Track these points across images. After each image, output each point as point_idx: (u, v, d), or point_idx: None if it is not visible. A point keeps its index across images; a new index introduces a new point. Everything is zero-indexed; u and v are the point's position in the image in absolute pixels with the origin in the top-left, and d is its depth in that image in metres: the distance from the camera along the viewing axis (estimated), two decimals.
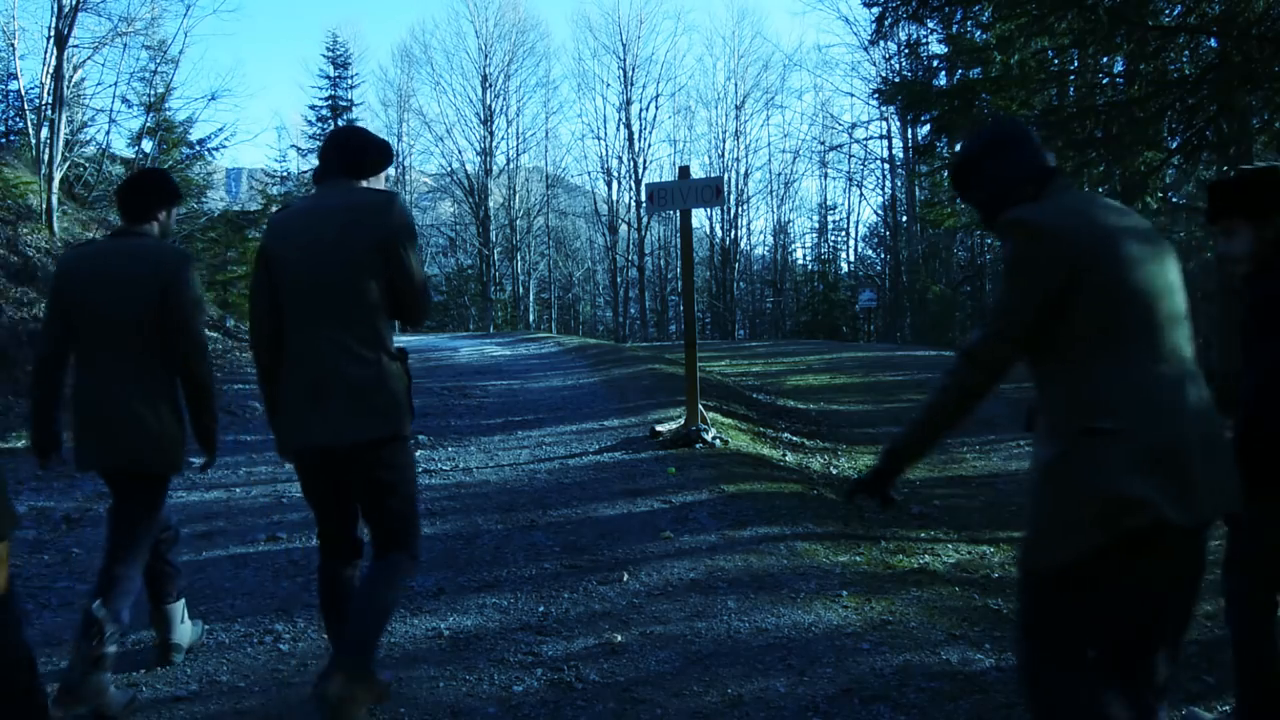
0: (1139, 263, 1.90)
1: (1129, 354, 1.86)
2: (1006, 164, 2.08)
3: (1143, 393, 1.84)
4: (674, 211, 8.24)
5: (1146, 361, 1.87)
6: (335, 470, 2.77)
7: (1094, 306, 1.86)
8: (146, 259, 3.10)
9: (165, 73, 19.51)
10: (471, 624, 3.72)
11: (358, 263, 2.72)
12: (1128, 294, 1.87)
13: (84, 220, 15.05)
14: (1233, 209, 2.57)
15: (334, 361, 2.71)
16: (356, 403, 2.70)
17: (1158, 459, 1.80)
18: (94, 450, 3.10)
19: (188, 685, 3.17)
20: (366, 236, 2.72)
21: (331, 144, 2.93)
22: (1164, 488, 1.78)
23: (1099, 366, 1.87)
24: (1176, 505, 1.78)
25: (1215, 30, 7.02)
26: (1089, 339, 1.87)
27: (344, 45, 37.69)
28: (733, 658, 3.36)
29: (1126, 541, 1.79)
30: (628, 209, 35.98)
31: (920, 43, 18.60)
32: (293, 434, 2.78)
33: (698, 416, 7.20)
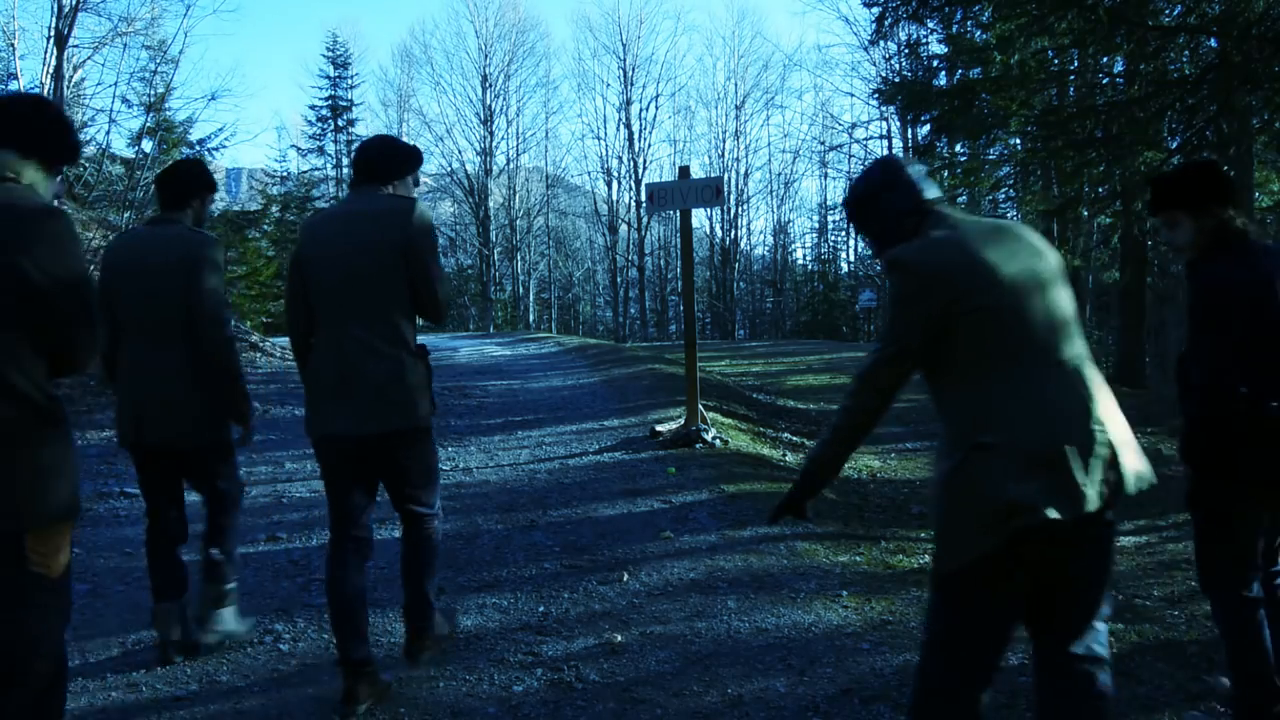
0: (1014, 284, 2.04)
1: (1008, 371, 2.02)
2: (894, 198, 2.23)
3: (1021, 406, 2.00)
4: (674, 211, 8.24)
5: (1026, 375, 2.02)
6: (357, 457, 2.99)
7: (972, 330, 2.03)
8: (176, 245, 3.30)
9: (165, 73, 19.51)
10: (471, 624, 3.72)
11: (380, 265, 2.94)
12: (1003, 316, 2.02)
13: (84, 220, 15.05)
14: (1173, 202, 2.73)
15: (357, 358, 2.92)
16: (377, 397, 2.92)
17: (1038, 464, 1.96)
18: (135, 428, 3.31)
19: (188, 685, 3.17)
20: (389, 240, 2.94)
21: (360, 152, 3.15)
22: (1045, 490, 1.94)
23: (982, 384, 2.04)
24: (1058, 503, 1.95)
25: (1215, 30, 7.03)
26: (971, 360, 2.05)
27: (344, 45, 37.77)
28: (733, 658, 3.36)
29: (1020, 539, 1.95)
30: (628, 209, 36.00)
31: (920, 43, 18.60)
32: (319, 423, 3.00)
33: (698, 416, 7.20)
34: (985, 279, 2.03)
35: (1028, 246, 2.14)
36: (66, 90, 14.54)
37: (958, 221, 2.18)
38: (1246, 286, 2.57)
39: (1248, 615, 2.65)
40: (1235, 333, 2.56)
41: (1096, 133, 8.07)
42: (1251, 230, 2.69)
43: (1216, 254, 2.65)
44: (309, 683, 3.20)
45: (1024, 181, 12.58)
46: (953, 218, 2.19)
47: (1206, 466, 2.65)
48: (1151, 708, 2.96)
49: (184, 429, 3.30)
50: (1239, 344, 2.56)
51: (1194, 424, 2.66)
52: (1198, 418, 2.64)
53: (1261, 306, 2.55)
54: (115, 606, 3.93)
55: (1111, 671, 2.17)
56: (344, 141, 38.07)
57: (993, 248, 2.09)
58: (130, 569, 4.41)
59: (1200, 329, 2.64)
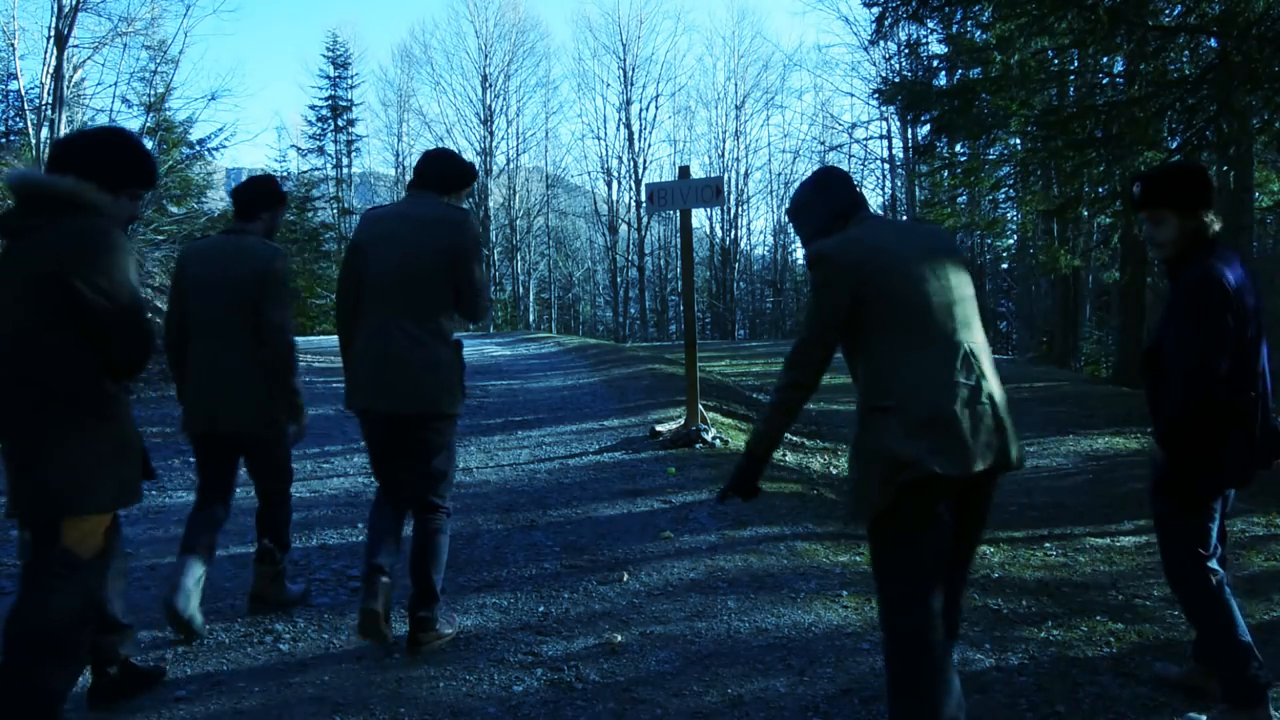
0: (914, 273, 2.42)
1: (907, 345, 2.39)
2: (824, 202, 2.63)
3: (915, 375, 2.36)
4: (674, 211, 8.24)
5: (921, 350, 2.38)
6: (389, 430, 3.38)
7: (876, 312, 2.41)
8: (246, 256, 3.63)
9: (165, 73, 19.53)
10: (471, 624, 3.72)
11: (430, 267, 3.31)
12: (903, 300, 2.40)
13: None
14: (1162, 200, 2.87)
15: (398, 346, 3.29)
16: (412, 383, 3.29)
17: (926, 426, 2.31)
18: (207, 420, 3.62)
19: (188, 685, 3.17)
20: (440, 246, 3.31)
21: (424, 160, 3.52)
22: (931, 448, 2.29)
23: (884, 358, 2.42)
24: (943, 460, 2.29)
25: (1215, 30, 7.02)
26: (877, 337, 2.42)
27: (344, 45, 37.73)
28: (733, 658, 3.35)
29: (918, 489, 2.30)
30: (628, 209, 35.99)
31: (920, 43, 18.61)
32: (360, 398, 3.39)
33: (698, 416, 7.20)
34: (889, 270, 2.42)
35: (932, 243, 2.54)
36: (66, 90, 14.54)
37: (874, 221, 2.60)
38: (1236, 288, 2.74)
39: (1219, 590, 2.82)
40: (1223, 326, 2.71)
41: (1096, 133, 8.05)
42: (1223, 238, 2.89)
43: (1195, 254, 2.81)
44: (309, 683, 3.20)
45: (1024, 181, 12.57)
46: (871, 219, 2.60)
47: (1187, 452, 2.79)
48: (1151, 708, 2.96)
49: (247, 421, 3.62)
50: (1226, 339, 2.71)
51: (1178, 412, 2.77)
52: (1181, 404, 2.75)
53: (1243, 304, 2.75)
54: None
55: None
56: (344, 141, 38.05)
57: (899, 243, 2.50)
58: (130, 569, 4.40)
59: (1187, 322, 2.76)
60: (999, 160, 11.88)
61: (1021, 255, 20.96)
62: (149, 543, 4.85)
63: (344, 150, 37.89)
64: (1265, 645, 3.49)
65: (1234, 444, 2.77)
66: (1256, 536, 5.10)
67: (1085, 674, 3.18)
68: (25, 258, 2.51)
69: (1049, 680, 3.15)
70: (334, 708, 3.00)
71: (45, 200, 2.54)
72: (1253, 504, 5.83)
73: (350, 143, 38.17)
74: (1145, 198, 2.90)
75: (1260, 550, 4.80)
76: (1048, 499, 6.02)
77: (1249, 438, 2.78)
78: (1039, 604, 3.97)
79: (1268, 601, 4.01)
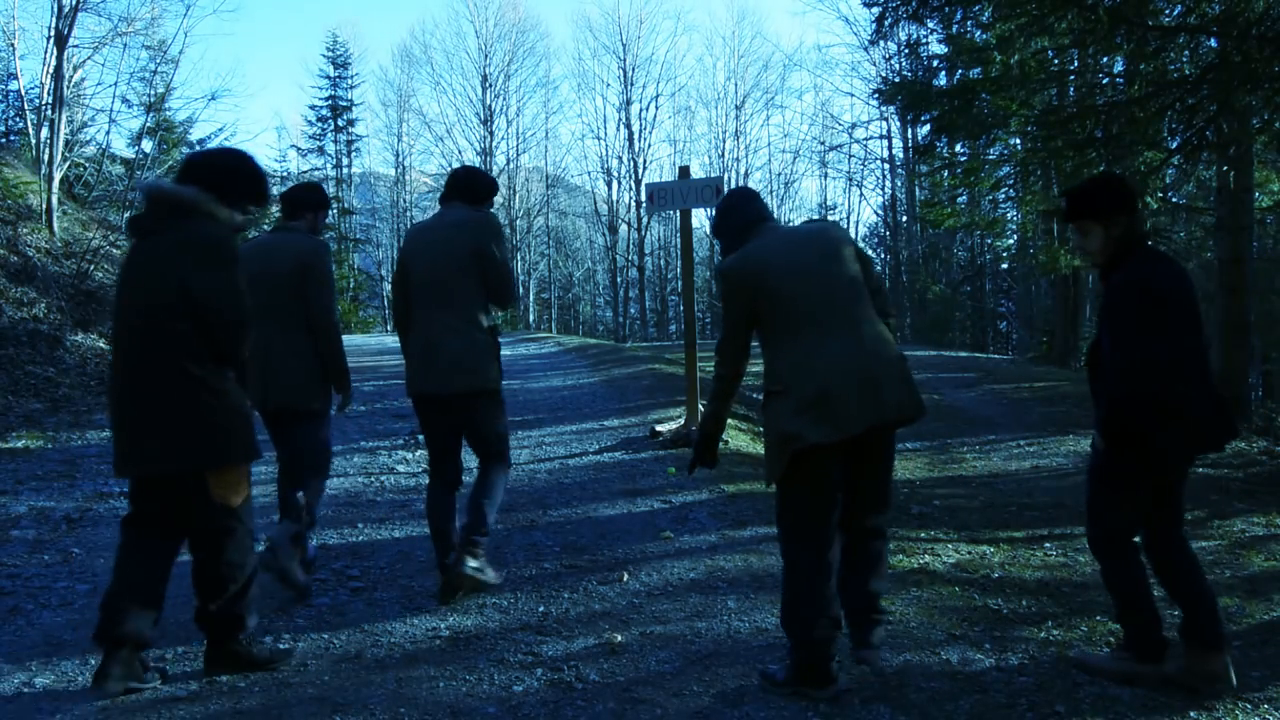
0: (796, 274, 2.97)
1: (797, 338, 2.95)
2: (734, 217, 3.25)
3: (801, 362, 2.92)
4: (674, 211, 8.23)
5: (809, 341, 2.93)
6: (442, 409, 3.93)
7: (772, 312, 2.99)
8: (292, 250, 4.09)
9: (165, 73, 19.51)
10: (471, 624, 3.72)
11: (460, 264, 3.86)
12: (786, 299, 2.96)
13: (84, 220, 15.04)
14: (1084, 213, 3.11)
15: (440, 336, 3.86)
16: (454, 366, 3.83)
17: (809, 405, 2.87)
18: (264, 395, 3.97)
19: (188, 685, 3.17)
20: (467, 245, 3.86)
21: (452, 178, 4.16)
22: (813, 422, 2.85)
23: (776, 349, 3.00)
24: (822, 431, 2.85)
25: (1215, 30, 7.01)
26: (770, 332, 3.02)
27: (344, 45, 37.72)
28: (733, 658, 3.35)
29: (803, 458, 2.89)
30: (628, 209, 35.97)
31: (920, 43, 18.61)
32: (414, 383, 3.95)
33: (698, 416, 7.20)
34: (777, 277, 2.98)
35: (818, 244, 3.07)
36: (66, 90, 14.51)
37: (769, 233, 3.12)
38: (1163, 286, 2.97)
39: (1135, 565, 3.12)
40: (1154, 325, 2.92)
41: (1096, 133, 8.04)
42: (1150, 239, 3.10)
43: (1125, 258, 3.04)
44: (309, 683, 3.19)
45: (1024, 181, 12.55)
46: (768, 230, 3.14)
47: (1124, 440, 3.00)
48: (1152, 708, 2.95)
49: (299, 395, 4.07)
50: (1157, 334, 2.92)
51: (1114, 403, 2.97)
52: (1119, 398, 2.95)
53: (1172, 304, 2.97)
54: None
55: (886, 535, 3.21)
56: (344, 141, 38.04)
57: (786, 251, 3.04)
58: None
59: (1119, 322, 2.97)
60: (999, 160, 11.87)
61: (1021, 255, 20.96)
62: None
63: (344, 150, 37.87)
64: (1265, 645, 3.50)
65: (1169, 432, 2.95)
66: (1256, 536, 5.09)
67: (1085, 674, 3.18)
68: (153, 255, 3.01)
69: (1049, 680, 3.15)
70: (334, 708, 3.00)
71: (171, 206, 3.02)
72: (1253, 504, 5.83)
73: (350, 143, 38.15)
74: (1069, 212, 3.16)
75: (1260, 550, 4.80)
76: (1048, 499, 6.02)
77: (1184, 425, 2.96)
78: (1039, 604, 3.97)
79: (1268, 601, 4.01)
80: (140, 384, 2.98)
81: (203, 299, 2.93)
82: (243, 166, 3.24)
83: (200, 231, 2.99)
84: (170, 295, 2.92)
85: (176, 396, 2.94)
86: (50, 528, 5.09)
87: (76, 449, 7.01)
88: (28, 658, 3.40)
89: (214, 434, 2.99)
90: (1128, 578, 3.11)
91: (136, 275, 3.04)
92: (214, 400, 2.98)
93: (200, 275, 2.93)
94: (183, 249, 2.96)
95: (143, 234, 3.08)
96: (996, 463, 7.40)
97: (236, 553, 3.09)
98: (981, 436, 8.61)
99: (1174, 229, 16.06)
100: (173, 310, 2.92)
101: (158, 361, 2.95)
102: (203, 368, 2.96)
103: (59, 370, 9.57)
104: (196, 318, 2.93)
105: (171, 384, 2.94)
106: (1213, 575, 4.41)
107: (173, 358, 2.94)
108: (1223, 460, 6.88)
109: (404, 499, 5.69)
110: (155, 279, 2.96)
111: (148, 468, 3.02)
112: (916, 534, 5.11)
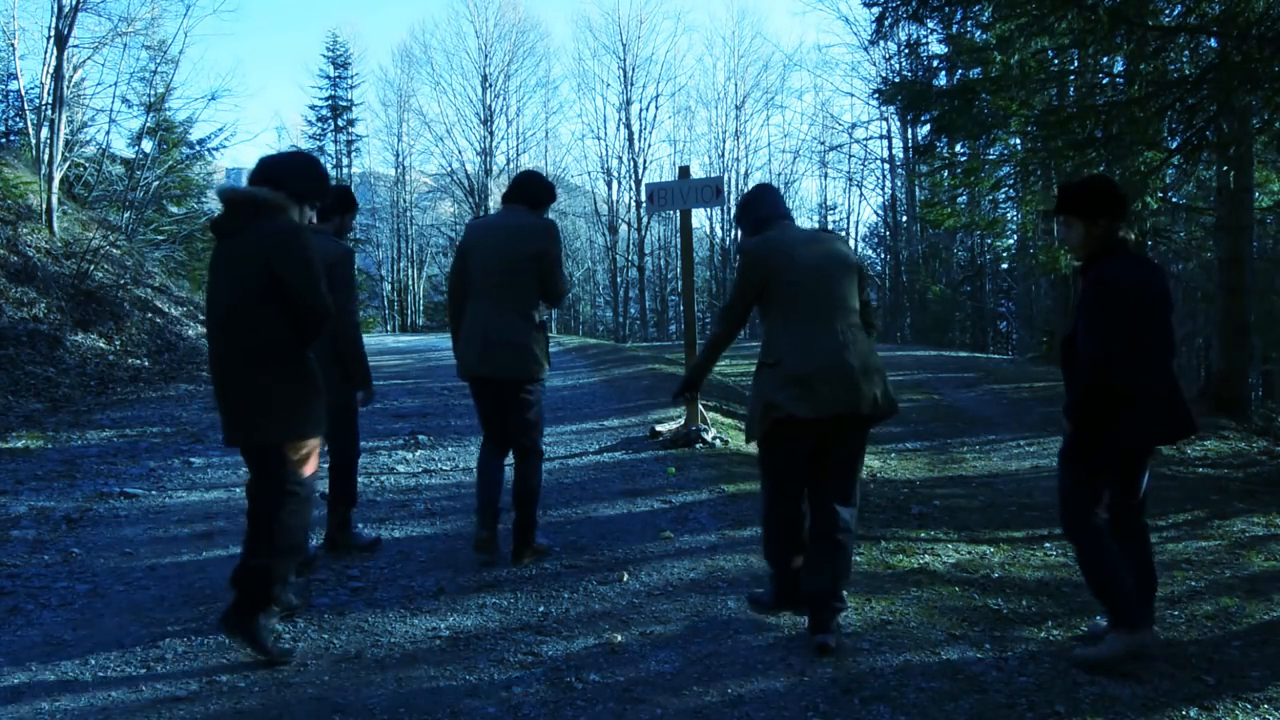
0: (803, 268, 3.40)
1: (792, 321, 3.39)
2: (759, 209, 3.69)
3: (793, 343, 3.36)
4: (674, 211, 8.23)
5: (801, 325, 3.37)
6: (491, 391, 4.37)
7: (776, 295, 3.43)
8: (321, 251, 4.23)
9: (165, 73, 19.51)
10: (471, 624, 3.72)
11: (519, 263, 4.25)
12: (792, 286, 3.39)
13: (84, 220, 15.04)
14: (1068, 208, 3.35)
15: (495, 325, 4.25)
16: (506, 353, 4.24)
17: (793, 382, 3.30)
18: None
19: (188, 685, 3.17)
20: (528, 248, 4.25)
21: (517, 181, 4.51)
22: (795, 397, 3.29)
23: (776, 328, 3.44)
24: (801, 404, 3.29)
25: (1215, 30, 7.01)
26: (772, 312, 3.46)
27: (344, 45, 37.77)
28: (732, 658, 3.35)
29: (782, 426, 3.35)
30: (628, 209, 35.97)
31: (920, 43, 18.63)
32: (467, 366, 4.35)
33: (698, 416, 7.20)
34: (788, 264, 3.41)
35: (826, 247, 3.50)
36: (66, 90, 14.51)
37: (786, 228, 3.57)
38: (1134, 286, 3.19)
39: (1106, 543, 3.26)
40: (1118, 321, 3.15)
41: (1096, 133, 8.04)
42: (1131, 243, 3.32)
43: (1102, 257, 3.25)
44: (309, 683, 3.19)
45: (1024, 181, 12.54)
46: (785, 226, 3.58)
47: (1088, 425, 3.22)
48: (1151, 708, 2.96)
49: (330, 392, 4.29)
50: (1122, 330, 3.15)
51: (1081, 392, 3.19)
52: (1085, 386, 3.18)
53: (1138, 303, 3.18)
54: (115, 606, 3.93)
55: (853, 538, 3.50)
56: (344, 141, 38.06)
57: (798, 246, 3.46)
58: (130, 569, 4.41)
59: (1091, 316, 3.19)
60: (999, 160, 11.87)
61: (1021, 255, 20.94)
62: (149, 543, 4.85)
63: (344, 150, 37.90)
64: (1265, 645, 3.50)
65: (1125, 419, 3.18)
66: (1256, 536, 5.09)
67: (1085, 674, 3.18)
68: (238, 251, 3.30)
69: (1049, 680, 3.15)
70: (334, 708, 3.00)
71: (248, 206, 3.33)
72: (1253, 504, 5.83)
73: (350, 142, 38.18)
74: (1058, 205, 3.40)
75: (1260, 550, 4.80)
76: (1048, 499, 6.01)
77: (1142, 414, 3.20)
78: (1039, 604, 3.97)
79: (1268, 601, 4.01)
80: (234, 366, 3.31)
81: (290, 287, 3.25)
82: (312, 168, 3.61)
83: (281, 227, 3.30)
84: (260, 285, 3.24)
85: (265, 377, 3.27)
86: (50, 528, 5.09)
87: (76, 449, 7.01)
88: (28, 658, 3.40)
89: (296, 410, 3.34)
90: (1099, 557, 3.25)
91: (226, 270, 3.35)
92: (297, 380, 3.32)
93: (287, 266, 3.25)
94: (267, 243, 3.26)
95: (225, 235, 3.37)
96: (996, 463, 7.40)
97: (294, 517, 3.37)
98: (981, 436, 8.62)
99: (1174, 229, 16.05)
100: (263, 298, 3.25)
101: (249, 346, 3.27)
102: (288, 349, 3.30)
103: (59, 370, 9.57)
104: (284, 304, 3.27)
105: (260, 366, 3.27)
106: (1213, 575, 4.42)
107: (262, 342, 3.26)
108: (1223, 460, 6.88)
109: (404, 499, 5.68)
110: (244, 272, 3.27)
111: (241, 439, 3.37)
112: (916, 534, 5.11)
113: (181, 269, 19.04)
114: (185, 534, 5.02)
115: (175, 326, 13.26)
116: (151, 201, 19.47)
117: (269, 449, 3.34)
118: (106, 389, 9.56)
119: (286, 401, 3.31)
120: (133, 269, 14.59)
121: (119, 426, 7.90)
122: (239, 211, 3.35)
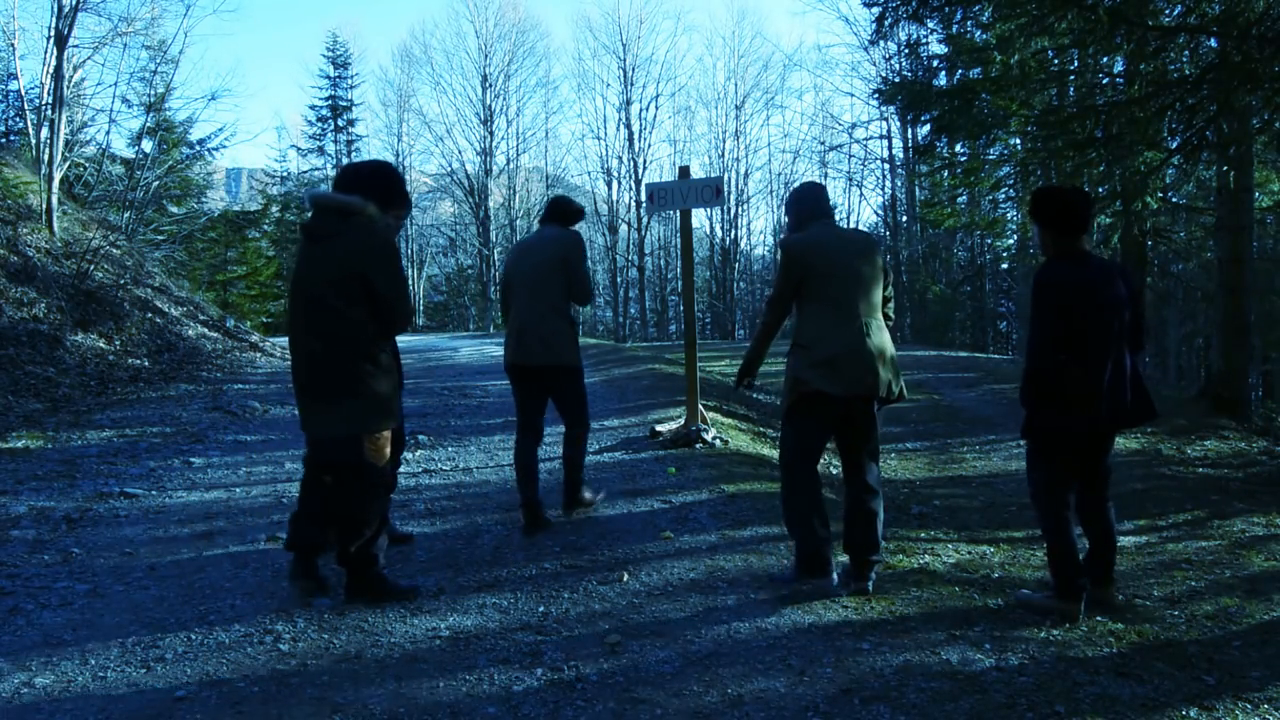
0: (837, 264, 3.90)
1: (824, 309, 3.89)
2: (808, 205, 4.12)
3: (822, 329, 3.87)
4: (674, 211, 8.24)
5: (830, 313, 3.88)
6: (531, 379, 5.05)
7: (811, 287, 3.92)
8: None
9: (165, 73, 19.52)
10: (471, 624, 3.72)
11: (550, 268, 4.98)
12: (826, 280, 3.89)
13: (84, 220, 15.04)
14: (1031, 213, 3.81)
15: (533, 321, 4.95)
16: (543, 344, 4.92)
17: (822, 362, 3.83)
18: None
19: (187, 685, 3.17)
20: (557, 255, 4.99)
21: (550, 205, 5.27)
22: (821, 375, 3.82)
23: (808, 315, 3.94)
24: (826, 383, 3.82)
25: (1215, 30, 7.01)
26: (808, 301, 3.94)
27: (344, 45, 37.79)
28: (733, 658, 3.35)
29: (809, 398, 3.88)
30: (628, 209, 35.97)
31: (920, 43, 18.63)
32: (507, 357, 5.08)
33: (698, 416, 7.20)
34: (825, 260, 3.90)
35: (859, 246, 3.99)
36: (66, 90, 14.50)
37: (826, 225, 4.03)
38: (1069, 286, 3.58)
39: (1066, 517, 3.73)
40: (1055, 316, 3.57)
41: (1096, 133, 8.04)
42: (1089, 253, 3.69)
43: (1056, 259, 3.67)
44: (309, 683, 3.19)
45: (1024, 181, 12.55)
46: (825, 224, 4.05)
47: (1036, 404, 3.68)
48: (1151, 708, 2.96)
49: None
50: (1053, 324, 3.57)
51: (1029, 376, 3.67)
52: (1031, 371, 3.65)
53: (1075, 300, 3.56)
54: (115, 606, 3.93)
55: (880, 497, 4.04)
56: (344, 141, 38.05)
57: (834, 243, 3.95)
58: (130, 569, 4.41)
59: (1032, 311, 3.66)
60: (999, 160, 11.88)
61: (1021, 255, 20.94)
62: (149, 543, 4.85)
63: (344, 150, 37.89)
64: (1265, 645, 3.50)
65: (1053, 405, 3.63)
66: (1256, 536, 5.09)
67: (1085, 674, 3.18)
68: (328, 255, 3.57)
69: (1049, 680, 3.15)
70: (334, 708, 3.00)
71: (338, 212, 3.59)
72: (1253, 504, 5.83)
73: (350, 143, 38.17)
74: (1030, 210, 3.84)
75: (1260, 550, 4.80)
76: None
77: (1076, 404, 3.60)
78: None
79: (1268, 601, 4.01)
80: (318, 362, 3.56)
81: (382, 294, 3.54)
82: (393, 177, 3.90)
83: (370, 231, 3.56)
84: (351, 289, 3.51)
85: (348, 373, 3.54)
86: (50, 528, 5.09)
87: (76, 449, 7.01)
88: (28, 658, 3.40)
89: (374, 404, 3.60)
90: (1057, 529, 3.71)
91: (314, 271, 3.59)
92: (377, 375, 3.59)
93: (377, 268, 3.53)
94: (357, 247, 3.52)
95: (314, 239, 3.62)
96: (996, 463, 7.40)
97: (375, 503, 3.69)
98: (981, 436, 8.62)
99: (1174, 229, 16.05)
100: (352, 300, 3.51)
101: (334, 342, 3.54)
102: (373, 345, 3.57)
103: (59, 370, 9.57)
104: (372, 304, 3.53)
105: (345, 361, 3.54)
106: (1213, 575, 4.42)
107: (348, 339, 3.53)
108: (1223, 460, 6.88)
109: (404, 499, 5.68)
110: (336, 275, 3.53)
111: (320, 430, 3.64)
112: (916, 534, 5.11)
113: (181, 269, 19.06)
114: (185, 534, 5.02)
115: (175, 326, 13.26)
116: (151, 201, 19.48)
117: (348, 440, 3.59)
118: (106, 389, 9.56)
119: (366, 395, 3.57)
120: (133, 269, 14.59)
121: (119, 426, 7.89)
122: (329, 216, 3.59)
